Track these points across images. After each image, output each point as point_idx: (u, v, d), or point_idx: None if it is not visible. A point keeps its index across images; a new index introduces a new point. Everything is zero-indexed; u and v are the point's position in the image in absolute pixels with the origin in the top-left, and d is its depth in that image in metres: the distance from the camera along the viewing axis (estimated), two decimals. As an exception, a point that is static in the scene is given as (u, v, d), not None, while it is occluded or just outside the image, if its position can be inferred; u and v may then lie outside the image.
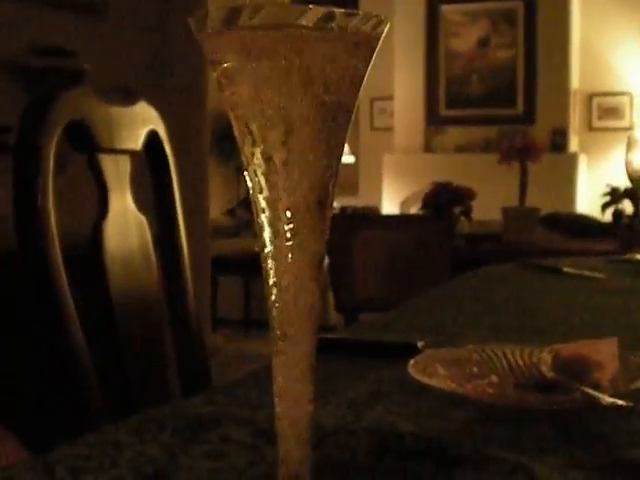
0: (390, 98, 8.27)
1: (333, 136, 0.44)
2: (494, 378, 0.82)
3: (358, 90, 0.45)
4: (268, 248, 0.45)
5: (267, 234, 0.45)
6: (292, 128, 0.43)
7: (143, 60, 3.57)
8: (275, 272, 0.45)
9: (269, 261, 0.45)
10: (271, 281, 0.45)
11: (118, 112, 1.27)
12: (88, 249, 1.22)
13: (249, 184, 0.45)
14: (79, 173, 1.34)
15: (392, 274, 3.82)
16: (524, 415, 0.74)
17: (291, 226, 0.44)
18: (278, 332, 0.45)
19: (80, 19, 3.40)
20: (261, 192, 0.44)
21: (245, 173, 0.45)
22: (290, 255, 0.44)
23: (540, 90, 7.65)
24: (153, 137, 1.35)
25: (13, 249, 1.10)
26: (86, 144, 1.21)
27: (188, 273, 1.42)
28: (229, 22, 0.42)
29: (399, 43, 7.97)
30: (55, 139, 1.10)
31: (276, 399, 0.46)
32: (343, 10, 0.42)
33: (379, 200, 8.03)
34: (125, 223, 1.29)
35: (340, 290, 3.88)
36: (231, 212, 6.71)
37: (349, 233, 3.93)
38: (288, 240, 0.44)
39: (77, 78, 2.94)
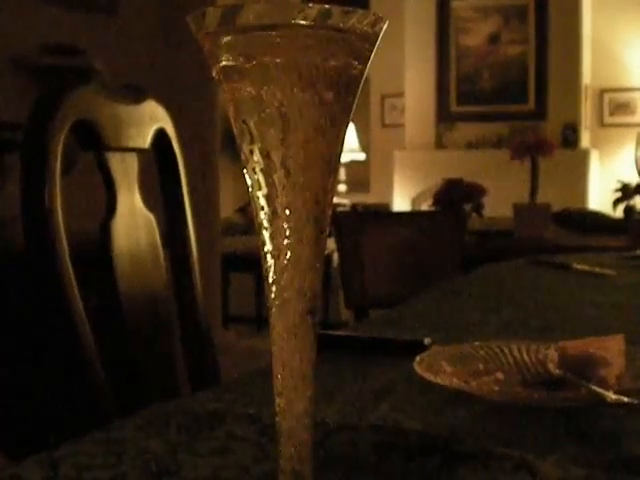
0: (401, 95, 8.26)
1: (332, 134, 0.44)
2: (500, 375, 0.82)
3: (357, 88, 0.45)
4: (267, 246, 0.45)
5: (266, 232, 0.45)
6: (290, 126, 0.43)
7: (153, 57, 3.57)
8: (274, 270, 0.45)
9: (268, 259, 0.45)
10: (270, 279, 0.45)
11: (126, 110, 1.27)
12: (96, 247, 1.23)
13: (248, 182, 0.45)
14: (87, 171, 1.34)
15: (403, 271, 3.82)
16: (530, 412, 0.73)
17: (290, 224, 0.44)
18: (277, 330, 0.45)
19: (90, 17, 3.41)
20: (260, 190, 0.44)
21: (244, 171, 0.45)
22: (289, 253, 0.44)
23: (551, 86, 7.62)
24: (161, 135, 1.35)
25: (23, 250, 1.10)
26: (93, 142, 1.21)
27: (197, 271, 1.42)
28: (226, 21, 0.42)
29: (410, 40, 7.97)
30: (62, 138, 1.10)
31: (276, 397, 0.46)
32: (340, 8, 0.42)
33: (390, 197, 8.02)
34: (133, 221, 1.29)
35: (350, 287, 3.88)
36: (242, 209, 6.72)
37: (359, 230, 3.93)
38: (287, 238, 0.44)
39: (87, 76, 2.94)
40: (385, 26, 0.44)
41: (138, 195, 1.31)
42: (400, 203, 7.77)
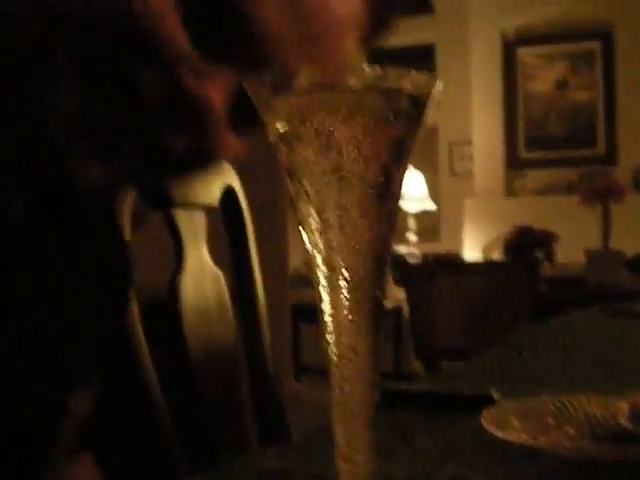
0: (468, 143, 8.24)
1: (388, 192, 0.45)
2: (570, 429, 0.80)
3: (412, 144, 0.46)
4: (325, 304, 0.45)
5: (323, 289, 0.45)
6: (347, 186, 0.43)
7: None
8: (332, 328, 0.45)
9: (326, 317, 0.45)
10: (328, 337, 0.45)
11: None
12: (165, 303, 1.24)
13: (305, 239, 0.45)
14: (156, 229, 1.36)
15: (474, 320, 3.78)
16: (601, 467, 0.72)
17: (347, 283, 0.44)
18: (336, 388, 0.45)
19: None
20: (316, 247, 0.45)
21: (301, 228, 0.46)
22: (346, 311, 0.45)
23: (621, 130, 7.53)
24: (229, 192, 1.37)
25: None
26: (161, 200, 1.23)
27: (265, 324, 1.43)
28: (282, 87, 0.43)
29: (476, 87, 7.96)
30: (130, 197, 1.12)
31: (337, 455, 0.46)
32: (395, 69, 0.43)
33: (461, 245, 7.97)
34: (201, 277, 1.31)
35: (420, 337, 3.85)
36: (312, 261, 6.73)
37: (430, 280, 3.91)
38: (344, 296, 0.44)
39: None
40: (439, 86, 0.45)
41: (206, 251, 1.32)
42: (471, 251, 7.71)
